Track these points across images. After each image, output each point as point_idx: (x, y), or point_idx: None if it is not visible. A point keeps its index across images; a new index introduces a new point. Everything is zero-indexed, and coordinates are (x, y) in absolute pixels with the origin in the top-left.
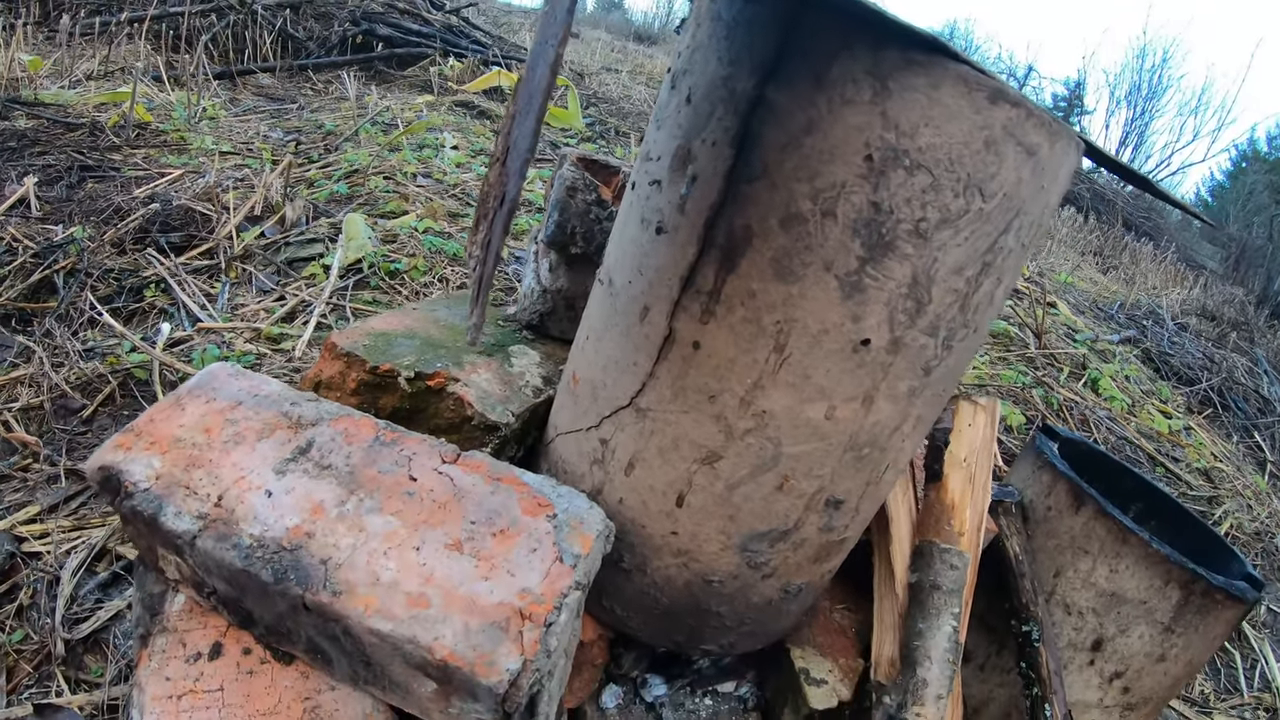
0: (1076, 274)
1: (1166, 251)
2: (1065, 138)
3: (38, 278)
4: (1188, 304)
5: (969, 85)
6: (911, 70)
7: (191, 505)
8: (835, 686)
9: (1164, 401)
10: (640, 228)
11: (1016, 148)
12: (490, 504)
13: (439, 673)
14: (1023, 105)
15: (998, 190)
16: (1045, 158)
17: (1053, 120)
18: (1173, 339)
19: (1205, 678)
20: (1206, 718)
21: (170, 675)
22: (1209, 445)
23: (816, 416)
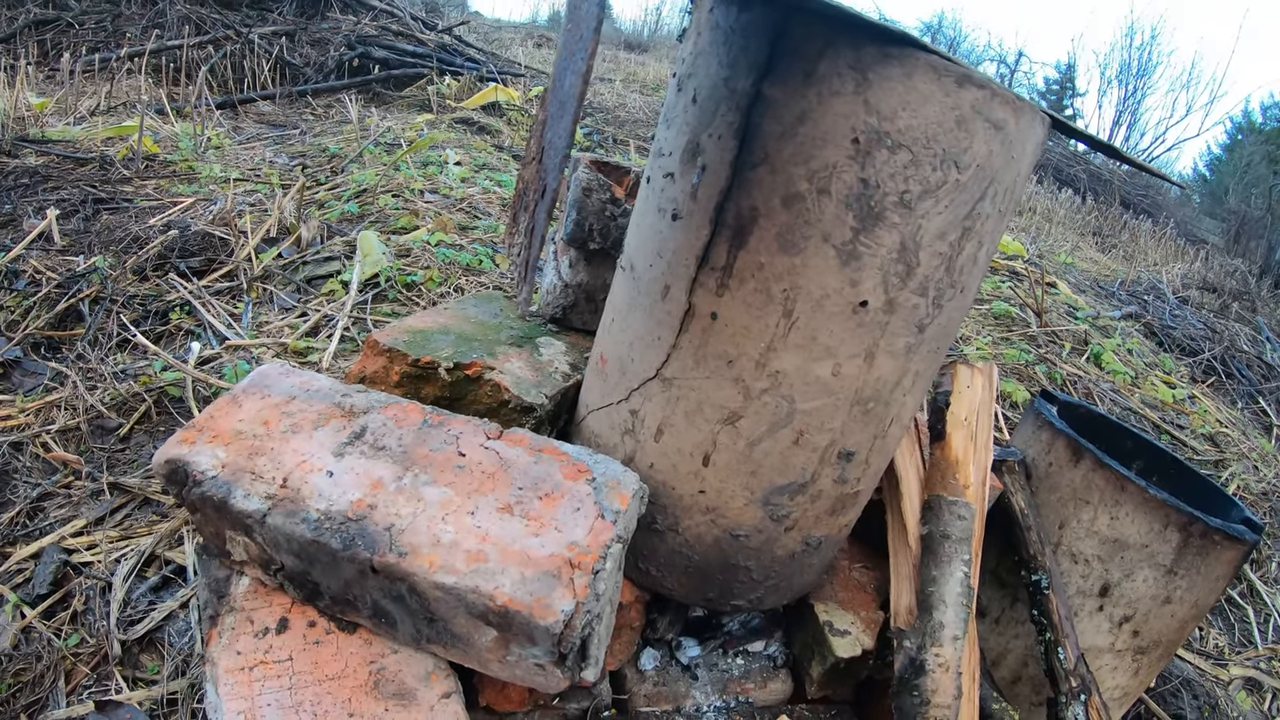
0: (1076, 254)
1: (1165, 228)
2: (1029, 113)
3: (64, 306)
4: (1189, 278)
5: (938, 72)
6: (888, 62)
7: (259, 488)
8: (858, 636)
9: (1167, 373)
10: (657, 216)
11: (985, 124)
12: (534, 472)
13: (500, 619)
14: (988, 86)
15: (971, 162)
16: (1012, 131)
17: (1016, 98)
18: (1174, 312)
19: (1220, 632)
20: (1222, 669)
21: (241, 649)
22: (1214, 412)
23: (824, 374)
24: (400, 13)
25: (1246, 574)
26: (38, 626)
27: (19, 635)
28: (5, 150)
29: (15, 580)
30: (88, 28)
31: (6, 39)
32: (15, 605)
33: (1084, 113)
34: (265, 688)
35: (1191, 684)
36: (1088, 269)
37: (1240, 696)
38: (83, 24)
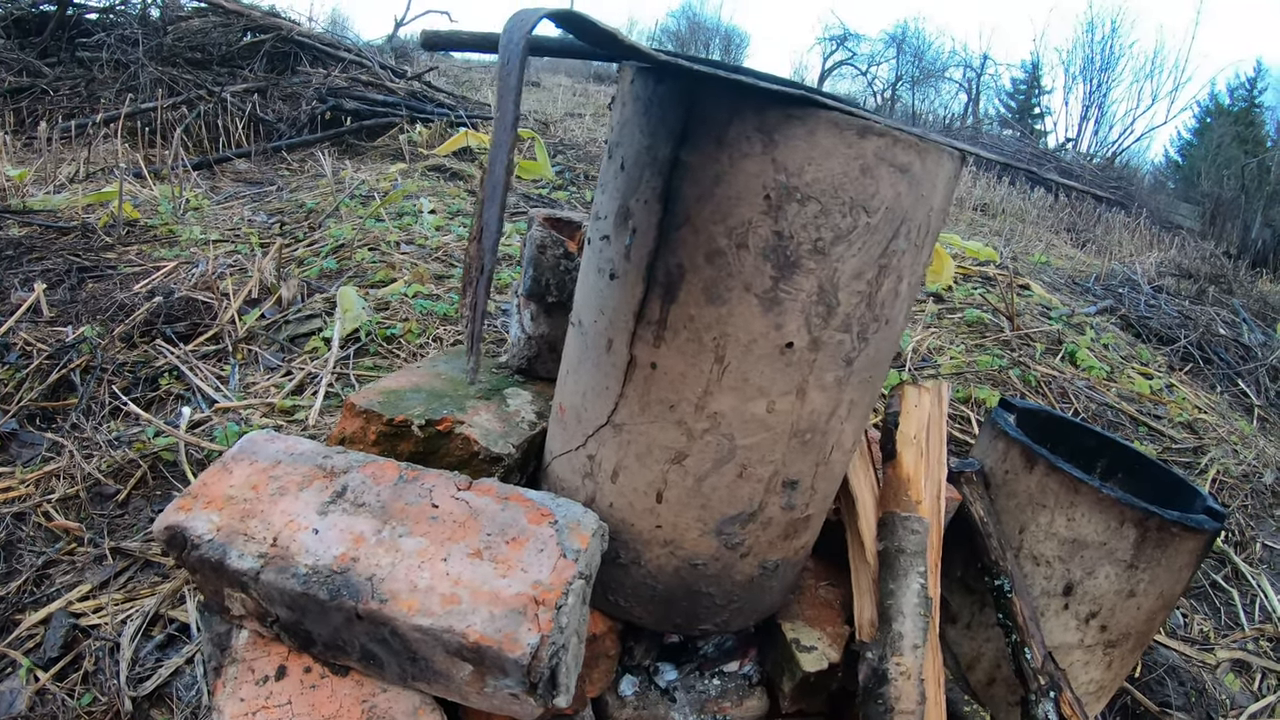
0: (1051, 252)
1: (1138, 218)
2: (935, 152)
3: (55, 377)
4: (1164, 266)
5: (839, 126)
6: (790, 122)
7: (251, 548)
8: (825, 651)
9: (1145, 364)
10: (597, 275)
11: (890, 169)
12: (501, 518)
13: (473, 654)
14: (888, 134)
15: (880, 206)
16: (919, 172)
17: (919, 140)
18: (1149, 302)
19: (1205, 617)
20: (1209, 654)
21: (244, 696)
22: (1192, 399)
23: (760, 411)
24: (369, 62)
25: (1231, 557)
26: (51, 688)
27: (33, 698)
28: None
29: (26, 645)
30: (62, 94)
31: None
32: (28, 669)
33: (1053, 109)
34: None
35: (1177, 670)
36: (1063, 266)
37: (1229, 679)
38: (57, 90)
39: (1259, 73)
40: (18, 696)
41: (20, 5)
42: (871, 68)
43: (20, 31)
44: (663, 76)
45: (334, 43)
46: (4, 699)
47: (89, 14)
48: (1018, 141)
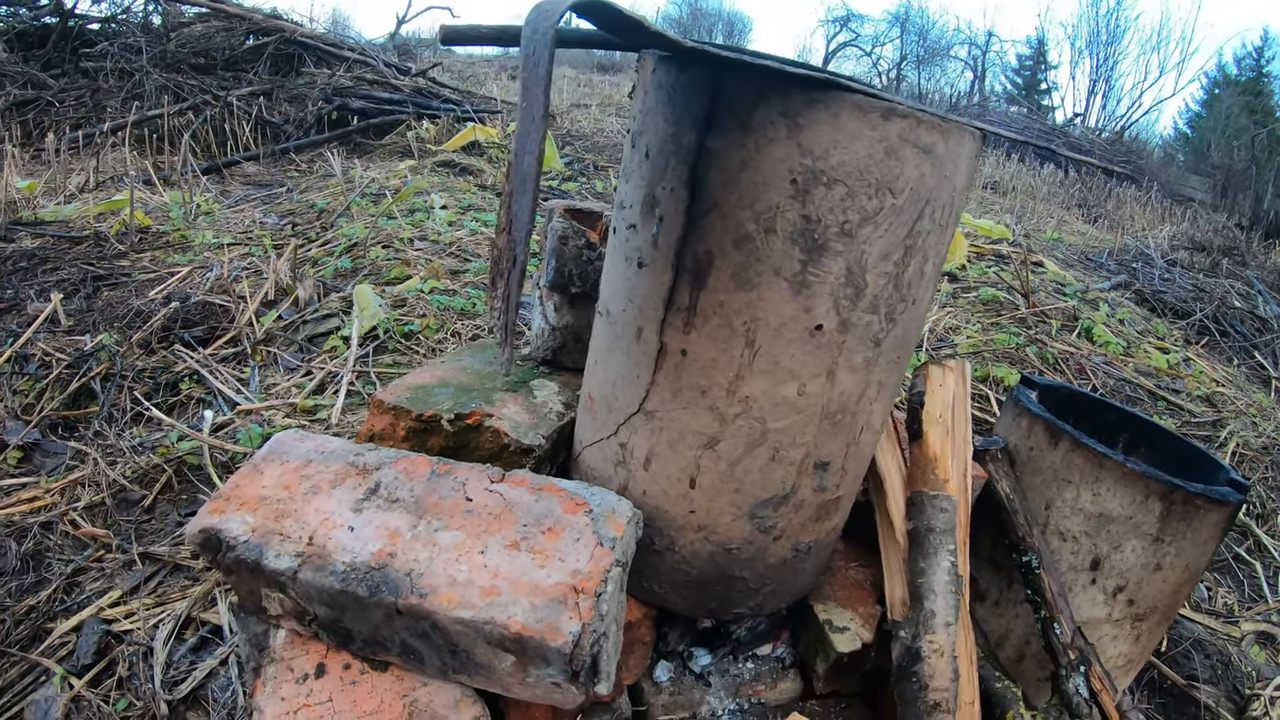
0: (1063, 228)
1: (1149, 192)
2: (957, 132)
3: (75, 386)
4: (1176, 239)
5: (863, 109)
6: (815, 107)
7: (288, 548)
8: (857, 631)
9: (1160, 338)
10: (625, 264)
11: (914, 150)
12: (536, 509)
13: (515, 645)
14: (912, 116)
15: (904, 187)
16: (942, 153)
17: (941, 121)
18: (1163, 276)
19: (1229, 590)
20: (1234, 627)
21: (284, 695)
22: (1210, 373)
23: (791, 394)
24: (374, 60)
25: (1253, 530)
26: (86, 695)
27: (69, 705)
28: (1, 236)
29: (60, 653)
30: (68, 105)
31: None
32: (62, 677)
33: (1060, 85)
34: None
35: (1203, 644)
36: (1075, 242)
37: (1254, 651)
38: (62, 102)
39: (1266, 41)
40: (53, 704)
41: (22, 18)
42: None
43: (23, 44)
44: (685, 64)
45: (337, 43)
46: (39, 707)
47: (91, 24)
48: (1025, 118)
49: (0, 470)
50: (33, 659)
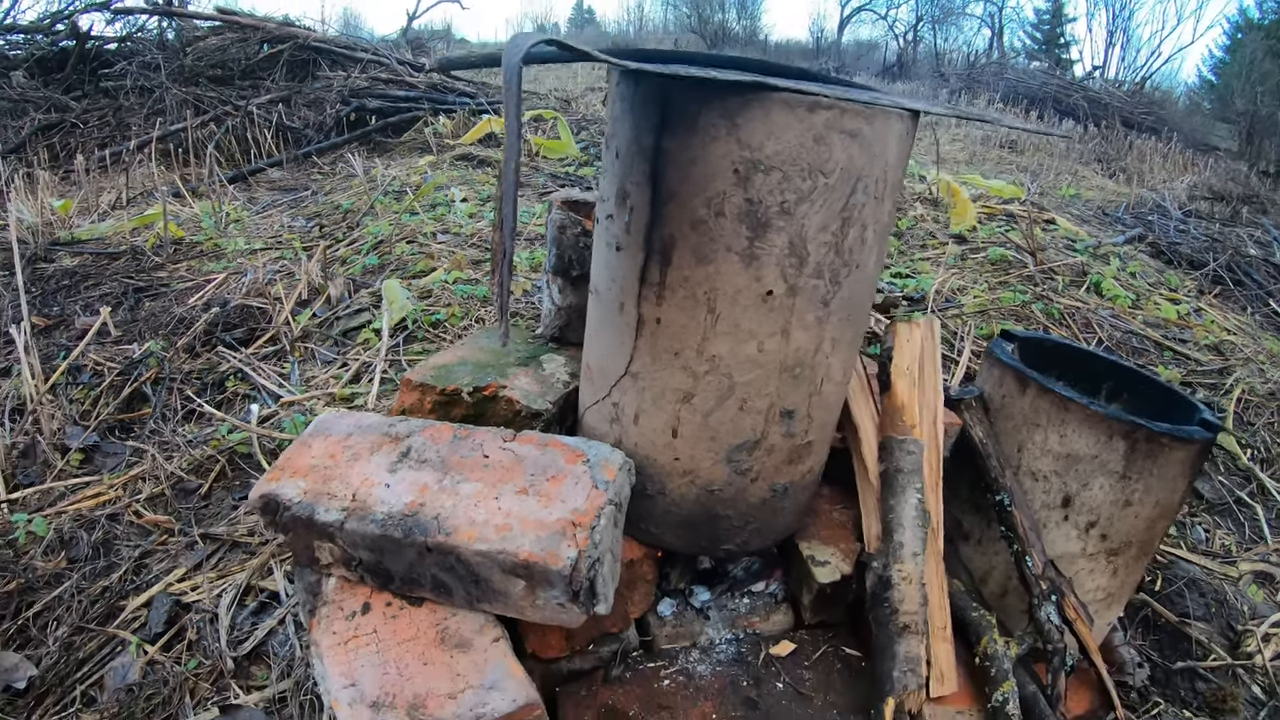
0: (1081, 184)
1: (1169, 143)
2: (882, 116)
3: (128, 391)
4: (1195, 190)
5: (790, 105)
6: (749, 106)
7: (334, 504)
8: (837, 565)
9: (1173, 290)
10: (606, 249)
11: (840, 135)
12: (542, 461)
13: (524, 571)
14: (836, 106)
15: (835, 168)
16: (869, 135)
17: (865, 108)
18: (1178, 228)
19: (1228, 532)
20: (1231, 567)
21: (336, 630)
22: (1221, 322)
23: (751, 352)
24: (387, 60)
25: (1257, 474)
26: (159, 659)
27: (145, 668)
28: (41, 256)
29: (133, 626)
30: (92, 125)
31: (17, 148)
32: (137, 645)
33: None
34: (359, 654)
35: (1198, 583)
36: (1092, 197)
37: (1252, 590)
38: (86, 123)
39: None
40: (130, 669)
41: (41, 45)
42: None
43: (43, 70)
44: (639, 78)
45: (350, 45)
46: (118, 672)
47: (107, 45)
48: (1043, 74)
49: (65, 471)
50: (109, 632)
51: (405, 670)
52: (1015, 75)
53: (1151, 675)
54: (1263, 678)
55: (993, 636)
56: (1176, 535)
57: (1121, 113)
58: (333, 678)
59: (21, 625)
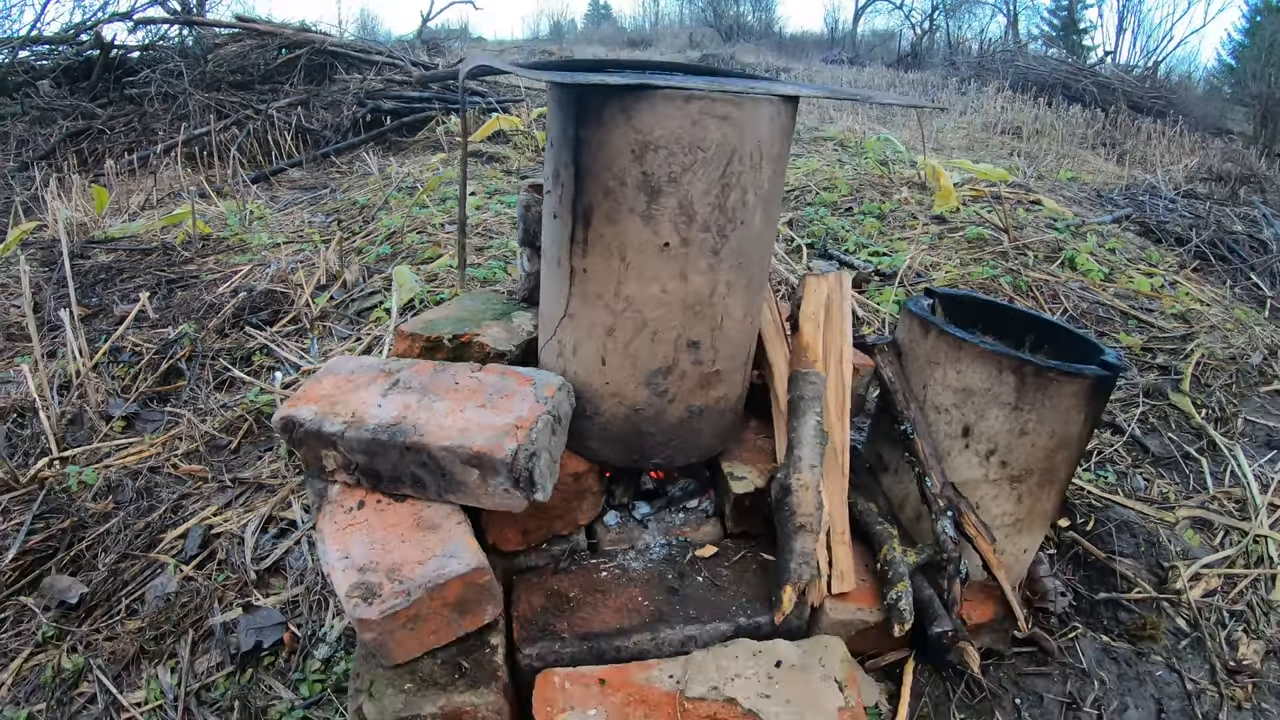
0: (1083, 168)
1: (1175, 127)
2: (750, 102)
3: (165, 368)
4: (1193, 172)
5: (670, 98)
6: (640, 102)
7: (338, 420)
8: (752, 480)
9: (1153, 265)
10: (550, 218)
11: (713, 119)
12: (500, 385)
13: (477, 461)
14: (707, 97)
15: (711, 144)
16: (739, 117)
17: (734, 97)
18: (1167, 207)
19: (1170, 483)
20: (1169, 513)
21: (337, 521)
22: (1196, 294)
23: (656, 293)
24: (401, 62)
25: (1207, 431)
26: (193, 575)
27: (181, 583)
28: (78, 254)
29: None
30: (119, 131)
31: (47, 154)
32: (175, 565)
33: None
34: (353, 536)
35: (1130, 525)
36: (1091, 181)
37: (1188, 534)
38: (113, 129)
39: None
40: (169, 583)
41: (66, 55)
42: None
43: (69, 79)
44: (562, 86)
45: (366, 48)
46: (157, 588)
47: (131, 53)
48: (1053, 60)
49: (109, 435)
50: (150, 557)
51: (387, 546)
52: (1025, 62)
53: (1077, 605)
54: (1188, 612)
55: (892, 545)
56: (1115, 483)
57: (1131, 97)
58: (331, 553)
59: (74, 555)
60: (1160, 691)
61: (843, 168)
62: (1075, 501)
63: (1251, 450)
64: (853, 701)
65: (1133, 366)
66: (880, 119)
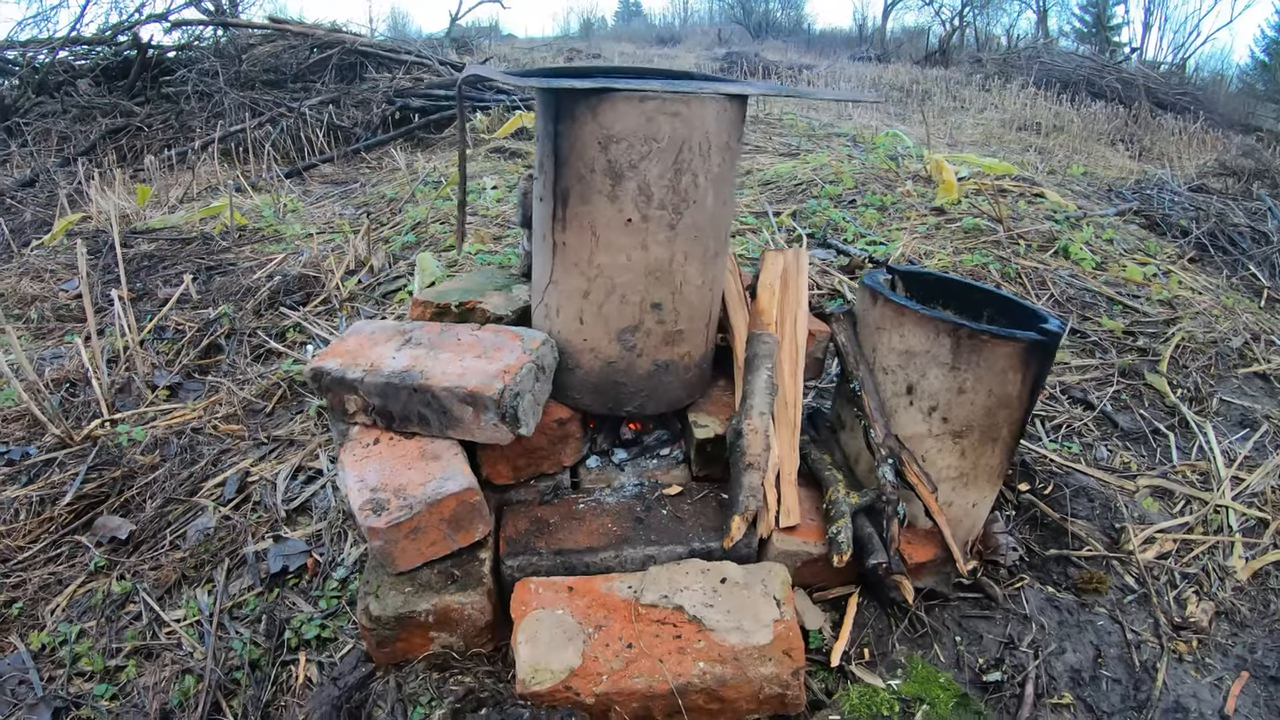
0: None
1: (1194, 123)
2: (698, 100)
3: (205, 343)
4: (1205, 167)
5: (629, 99)
6: (604, 101)
7: (359, 369)
8: (713, 427)
9: (1151, 255)
10: (538, 201)
11: (665, 115)
12: (495, 341)
13: (471, 399)
14: (659, 97)
15: (664, 136)
16: (688, 114)
17: (683, 96)
18: (1172, 200)
19: (1133, 455)
20: (1129, 482)
21: (355, 454)
22: (1188, 282)
23: (623, 261)
24: (430, 61)
25: (1180, 410)
26: (230, 515)
27: (220, 522)
28: (122, 243)
29: (211, 497)
30: (156, 128)
31: (87, 150)
32: (214, 507)
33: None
34: (368, 465)
35: (1088, 490)
36: (1107, 175)
37: (1146, 502)
38: (151, 126)
39: None
40: (209, 521)
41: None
42: None
43: (108, 78)
44: (543, 91)
45: (395, 48)
46: (199, 524)
47: (167, 54)
48: (1077, 57)
49: (155, 402)
50: (193, 501)
51: (396, 472)
52: (1050, 59)
53: (1029, 562)
54: (1137, 571)
55: (837, 488)
56: (1079, 453)
57: (1156, 94)
58: (350, 478)
59: (125, 501)
60: (1100, 640)
61: (851, 162)
62: (1036, 469)
63: (1224, 429)
64: (788, 616)
65: (1111, 349)
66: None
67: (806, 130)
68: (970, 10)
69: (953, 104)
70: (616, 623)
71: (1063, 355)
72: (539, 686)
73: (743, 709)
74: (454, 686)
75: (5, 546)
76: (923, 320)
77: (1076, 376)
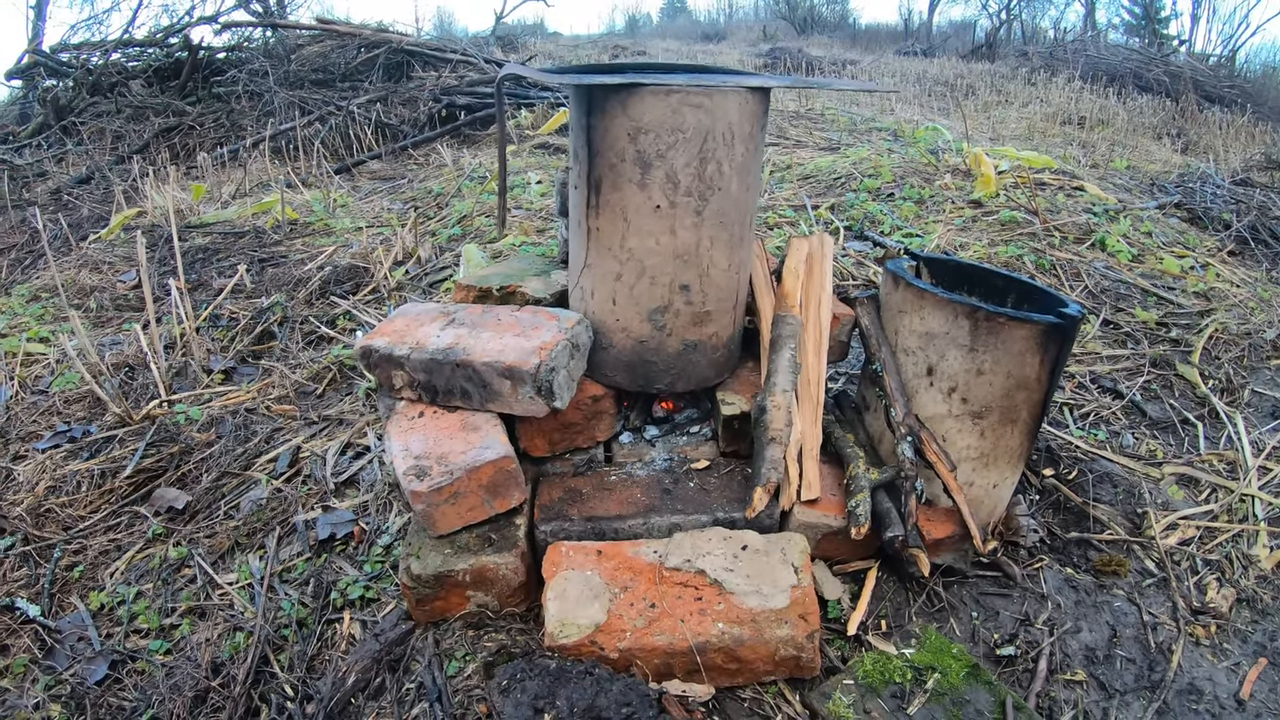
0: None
1: (1242, 116)
2: (719, 93)
3: (259, 331)
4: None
5: (655, 93)
6: (633, 95)
7: (405, 346)
8: (739, 405)
9: (1189, 248)
10: (573, 190)
11: (690, 108)
12: (533, 320)
13: (509, 373)
14: (683, 91)
15: (689, 127)
16: (710, 105)
17: (706, 89)
18: (1214, 193)
19: (1161, 444)
20: (1155, 469)
21: (401, 426)
22: (1227, 275)
23: (652, 245)
24: (475, 60)
25: (1211, 400)
26: (282, 488)
27: (272, 493)
28: (178, 237)
29: (264, 471)
30: (208, 127)
31: (141, 149)
32: (267, 479)
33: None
34: (412, 435)
35: (1112, 476)
36: (1152, 169)
37: (1172, 489)
38: (203, 125)
39: None
40: (262, 493)
41: (156, 57)
42: None
43: (160, 79)
44: (577, 86)
45: (440, 47)
46: (253, 496)
47: (218, 55)
48: (1124, 50)
49: (210, 385)
50: (247, 475)
51: (439, 441)
52: (1096, 52)
53: (1050, 544)
54: (1158, 556)
55: (857, 464)
56: (1105, 440)
57: (1204, 87)
58: (395, 447)
59: (181, 474)
60: (1117, 620)
61: (890, 157)
62: (1061, 454)
63: (1255, 420)
64: (805, 582)
65: (1144, 339)
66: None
67: (848, 125)
68: (1017, 3)
69: (997, 98)
70: (641, 584)
71: (1094, 345)
72: (566, 640)
73: (759, 670)
74: (488, 643)
75: (68, 516)
76: (941, 303)
77: (1107, 366)
